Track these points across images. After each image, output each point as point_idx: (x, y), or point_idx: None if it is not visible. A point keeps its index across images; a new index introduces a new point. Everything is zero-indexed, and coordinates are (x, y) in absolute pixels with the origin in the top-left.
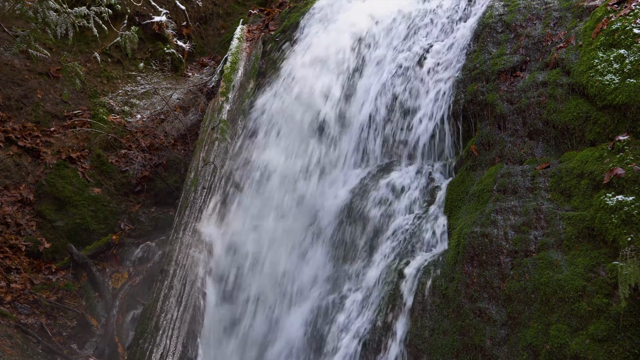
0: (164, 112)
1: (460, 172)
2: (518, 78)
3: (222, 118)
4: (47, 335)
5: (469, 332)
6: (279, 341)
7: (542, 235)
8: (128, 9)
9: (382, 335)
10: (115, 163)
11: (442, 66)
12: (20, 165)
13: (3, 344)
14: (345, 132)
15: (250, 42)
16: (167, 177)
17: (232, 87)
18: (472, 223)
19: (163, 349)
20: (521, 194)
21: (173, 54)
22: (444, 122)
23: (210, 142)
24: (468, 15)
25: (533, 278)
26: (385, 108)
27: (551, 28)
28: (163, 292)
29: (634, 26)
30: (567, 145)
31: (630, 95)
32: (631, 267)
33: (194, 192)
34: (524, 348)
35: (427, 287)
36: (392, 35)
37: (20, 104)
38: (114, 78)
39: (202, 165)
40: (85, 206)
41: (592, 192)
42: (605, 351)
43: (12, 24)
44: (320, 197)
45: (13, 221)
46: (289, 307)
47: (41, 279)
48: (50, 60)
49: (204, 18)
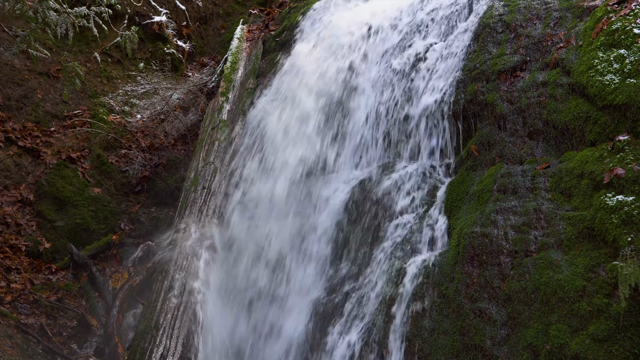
0: (164, 112)
1: (460, 172)
2: (518, 78)
3: (222, 118)
4: (47, 335)
5: (469, 332)
6: (279, 340)
7: (542, 235)
8: (128, 9)
9: (382, 335)
10: (115, 163)
11: (442, 66)
12: (20, 165)
13: (3, 344)
14: (346, 132)
15: (251, 42)
16: (167, 177)
17: (232, 87)
18: (472, 223)
19: (163, 349)
20: (521, 194)
21: (173, 54)
22: (444, 122)
23: (210, 142)
24: (468, 15)
25: (533, 278)
26: (385, 108)
27: (551, 28)
28: (163, 292)
29: (634, 26)
30: (567, 145)
31: (631, 95)
32: (631, 267)
33: (194, 192)
34: (524, 348)
35: (427, 287)
36: (392, 35)
37: (20, 104)
38: (114, 78)
39: (202, 165)
40: (86, 206)
41: (593, 192)
42: (605, 351)
43: (12, 24)
44: (320, 197)
45: (13, 221)
46: (288, 307)
47: (41, 279)
48: (50, 60)
49: (204, 18)
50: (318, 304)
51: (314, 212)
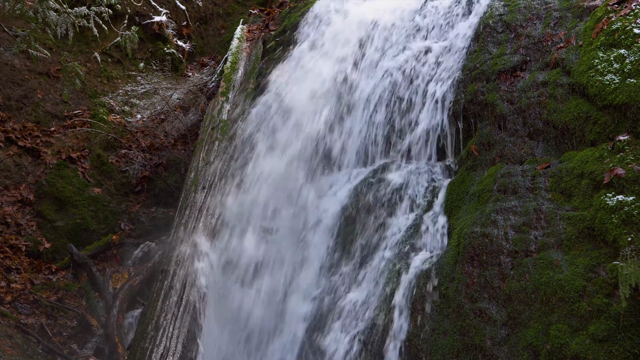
0: (164, 112)
1: (460, 172)
2: (518, 78)
3: (222, 118)
4: (47, 335)
5: (469, 332)
6: (279, 339)
7: (543, 235)
8: (128, 9)
9: (381, 335)
10: (115, 163)
11: (442, 66)
12: (20, 165)
13: (3, 344)
14: (346, 131)
15: (251, 42)
16: (167, 177)
17: (232, 87)
18: (472, 223)
19: (163, 349)
20: (521, 194)
21: (173, 54)
22: (445, 122)
23: (210, 142)
24: (468, 15)
25: (533, 278)
26: (385, 108)
27: (551, 28)
28: (163, 292)
29: (634, 26)
30: (568, 145)
31: (631, 95)
32: (631, 267)
33: (194, 192)
34: (524, 348)
35: (427, 287)
36: (392, 35)
37: (20, 104)
38: (114, 78)
39: (202, 165)
40: (86, 206)
41: (593, 192)
42: (605, 351)
43: (12, 24)
44: (320, 198)
45: (13, 221)
46: (288, 306)
47: (41, 279)
48: (51, 60)
49: (204, 18)
50: (317, 303)
51: (314, 214)
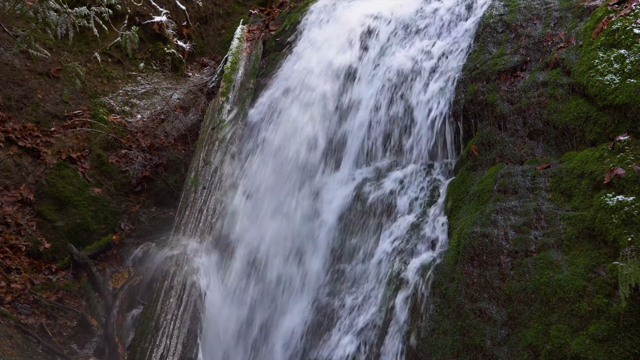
0: (164, 112)
1: (460, 172)
2: (518, 78)
3: (222, 118)
4: (47, 335)
5: (469, 332)
6: (278, 339)
7: (543, 236)
8: (128, 9)
9: (381, 335)
10: (115, 163)
11: (442, 66)
12: (20, 165)
13: (3, 344)
14: (347, 130)
15: (251, 42)
16: (167, 177)
17: (232, 87)
18: (472, 223)
19: (163, 349)
20: (521, 194)
21: (173, 54)
22: (445, 122)
23: (210, 142)
24: (468, 15)
25: (533, 278)
26: (385, 108)
27: (551, 28)
28: (163, 292)
29: (634, 26)
30: (568, 146)
31: (631, 95)
32: (631, 267)
33: (194, 192)
34: (525, 348)
35: (427, 287)
36: (392, 35)
37: (20, 104)
38: (114, 78)
39: (202, 165)
40: (86, 206)
41: (593, 192)
42: (605, 351)
43: (12, 24)
44: (320, 198)
45: (13, 221)
46: (288, 307)
47: (41, 279)
48: (51, 60)
49: (204, 18)
50: (317, 304)
51: (314, 214)
